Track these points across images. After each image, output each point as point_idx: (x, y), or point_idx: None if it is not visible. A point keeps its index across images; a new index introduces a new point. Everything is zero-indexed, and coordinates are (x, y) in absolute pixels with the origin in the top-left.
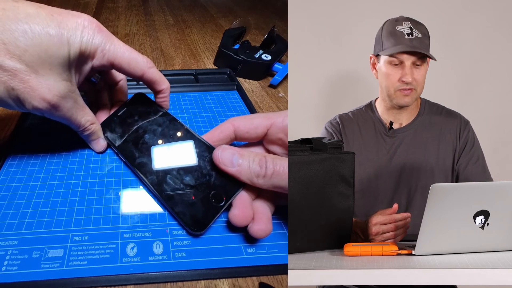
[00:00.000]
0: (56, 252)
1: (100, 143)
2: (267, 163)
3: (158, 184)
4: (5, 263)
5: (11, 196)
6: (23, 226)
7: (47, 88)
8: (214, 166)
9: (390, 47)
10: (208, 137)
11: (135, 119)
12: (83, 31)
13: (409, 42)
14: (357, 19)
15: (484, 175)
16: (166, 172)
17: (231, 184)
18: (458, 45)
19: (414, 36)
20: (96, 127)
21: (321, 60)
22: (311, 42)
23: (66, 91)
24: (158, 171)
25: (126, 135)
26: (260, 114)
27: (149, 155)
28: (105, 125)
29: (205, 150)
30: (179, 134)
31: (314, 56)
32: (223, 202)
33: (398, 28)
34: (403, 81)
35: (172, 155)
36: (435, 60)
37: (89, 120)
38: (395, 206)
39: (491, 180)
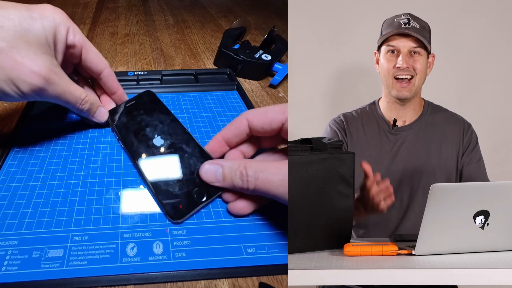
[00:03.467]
0: (56, 252)
1: (102, 112)
2: (248, 177)
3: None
4: (5, 263)
5: (11, 196)
6: (23, 226)
7: (31, 61)
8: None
9: (385, 34)
10: (224, 133)
11: (140, 113)
12: (53, 13)
13: (405, 29)
14: (357, 19)
15: (484, 176)
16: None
17: (213, 186)
18: (458, 45)
19: (411, 25)
20: (92, 97)
21: (321, 60)
22: (311, 42)
23: (49, 64)
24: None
25: (129, 125)
26: (276, 107)
27: (146, 146)
28: (113, 113)
29: (198, 152)
30: (177, 133)
31: (314, 56)
32: (204, 199)
33: (397, 19)
34: (398, 67)
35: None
36: (429, 48)
37: (82, 91)
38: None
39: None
